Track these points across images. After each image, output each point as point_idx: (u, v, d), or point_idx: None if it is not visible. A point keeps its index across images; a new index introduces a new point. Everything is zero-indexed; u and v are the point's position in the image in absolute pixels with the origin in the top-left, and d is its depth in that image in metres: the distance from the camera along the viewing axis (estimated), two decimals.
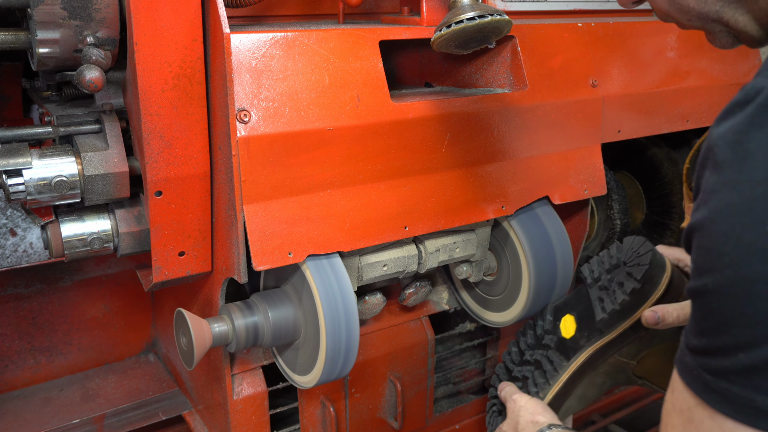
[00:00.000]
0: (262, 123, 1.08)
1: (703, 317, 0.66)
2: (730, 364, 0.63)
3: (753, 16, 0.82)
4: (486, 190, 1.34)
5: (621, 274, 1.29)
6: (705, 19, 0.85)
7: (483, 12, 1.13)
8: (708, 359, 0.66)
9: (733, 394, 0.63)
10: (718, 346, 0.64)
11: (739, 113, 0.65)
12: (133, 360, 1.83)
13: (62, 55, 1.11)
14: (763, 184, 0.61)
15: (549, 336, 1.37)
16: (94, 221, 1.25)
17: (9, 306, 1.65)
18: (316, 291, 1.15)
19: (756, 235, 0.60)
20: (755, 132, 0.62)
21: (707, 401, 0.65)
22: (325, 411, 1.47)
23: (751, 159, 0.62)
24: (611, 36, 1.52)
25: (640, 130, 1.57)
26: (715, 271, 0.64)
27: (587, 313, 1.32)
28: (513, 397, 1.27)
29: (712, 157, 0.66)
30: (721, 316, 0.64)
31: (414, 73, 1.63)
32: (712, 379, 0.65)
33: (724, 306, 0.63)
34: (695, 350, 0.67)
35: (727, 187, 0.63)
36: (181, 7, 1.06)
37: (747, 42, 0.86)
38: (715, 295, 0.64)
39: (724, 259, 0.62)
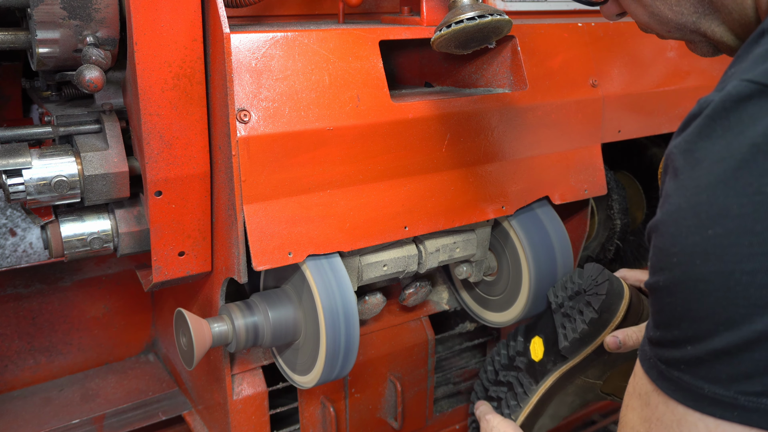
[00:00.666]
0: (262, 123, 1.08)
1: (657, 312, 0.71)
2: (680, 356, 0.68)
3: (728, 27, 0.86)
4: (486, 190, 1.34)
5: (581, 302, 1.32)
6: (683, 30, 0.89)
7: (483, 12, 1.12)
8: (662, 350, 0.70)
9: (684, 383, 0.67)
10: (670, 339, 0.69)
11: (692, 124, 0.70)
12: (133, 360, 1.83)
13: (62, 54, 1.11)
14: (707, 190, 0.65)
15: (520, 358, 1.40)
16: (93, 221, 1.25)
17: (9, 306, 1.65)
18: (316, 291, 1.15)
19: (699, 237, 0.65)
20: (702, 141, 0.67)
21: (662, 388, 0.70)
22: (325, 411, 1.47)
23: (699, 167, 0.66)
24: (611, 36, 1.52)
25: (640, 130, 1.57)
26: (665, 270, 0.68)
27: (553, 338, 1.36)
28: (486, 417, 1.31)
29: (670, 164, 0.71)
30: (671, 311, 0.68)
31: (414, 73, 1.63)
32: (665, 368, 0.70)
33: (673, 302, 0.68)
34: (652, 341, 0.72)
35: (679, 193, 0.68)
36: (180, 7, 1.06)
37: (725, 51, 0.90)
38: (665, 292, 0.69)
39: (673, 259, 0.67)
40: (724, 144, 0.65)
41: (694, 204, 0.66)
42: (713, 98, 0.69)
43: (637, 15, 0.93)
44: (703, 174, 0.66)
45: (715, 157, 0.65)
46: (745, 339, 0.62)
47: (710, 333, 0.64)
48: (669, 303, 0.68)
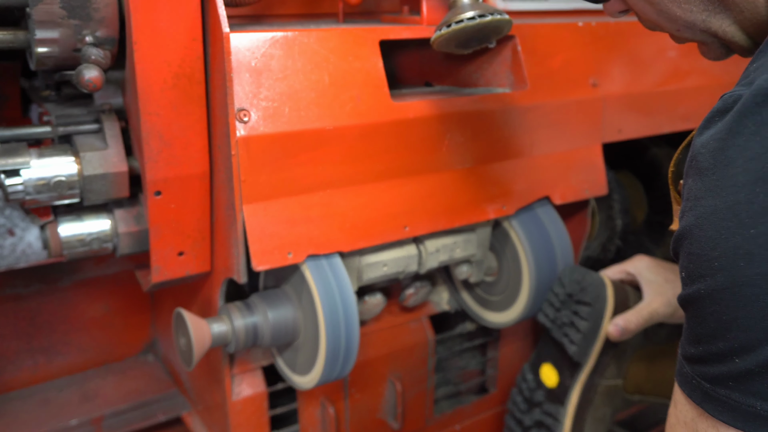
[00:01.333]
0: (261, 123, 1.08)
1: (698, 324, 0.66)
2: (728, 370, 0.63)
3: (739, 26, 0.82)
4: (486, 190, 1.33)
5: (571, 305, 1.34)
6: (693, 29, 0.86)
7: (483, 11, 1.12)
8: (705, 367, 0.66)
9: (733, 402, 0.63)
10: (715, 353, 0.64)
11: (719, 121, 0.66)
12: (132, 360, 1.83)
13: (61, 54, 1.11)
14: (745, 188, 0.62)
15: (536, 393, 1.40)
16: (93, 221, 1.24)
17: (7, 306, 1.65)
18: (316, 291, 1.15)
19: (741, 238, 0.61)
20: (734, 139, 0.64)
21: (708, 411, 0.65)
22: (324, 412, 1.47)
23: (733, 165, 0.63)
24: (612, 36, 1.51)
25: (641, 130, 1.57)
26: (706, 277, 0.64)
27: (560, 354, 1.37)
28: None
29: (695, 165, 0.67)
30: (715, 321, 0.64)
31: (414, 72, 1.63)
32: (710, 388, 0.65)
33: (718, 311, 0.63)
34: (692, 359, 0.68)
35: (711, 194, 0.64)
36: (180, 7, 1.06)
37: (738, 51, 0.87)
38: (708, 301, 0.64)
39: (713, 264, 0.63)
40: (759, 140, 0.62)
41: (732, 204, 0.62)
42: (740, 93, 0.66)
43: (645, 13, 0.90)
44: (739, 172, 0.62)
45: (750, 154, 0.62)
46: None
47: (760, 342, 0.60)
48: (712, 312, 0.64)
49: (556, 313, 1.38)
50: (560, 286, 1.38)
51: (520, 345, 1.75)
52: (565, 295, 1.36)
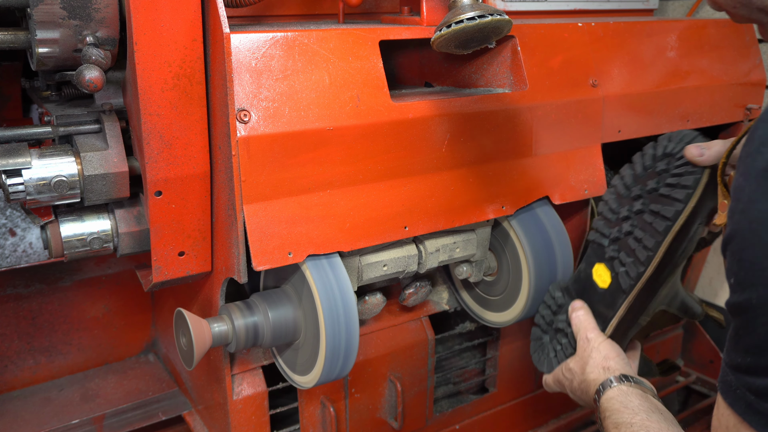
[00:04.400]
0: (262, 123, 1.08)
1: (747, 333, 0.64)
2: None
3: None
4: (486, 190, 1.34)
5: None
6: (750, 6, 0.81)
7: (483, 12, 1.12)
8: (752, 378, 0.63)
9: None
10: (763, 365, 0.62)
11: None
12: (133, 360, 1.83)
13: (62, 54, 1.11)
14: None
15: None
16: (93, 221, 1.25)
17: (9, 306, 1.65)
18: (316, 291, 1.15)
19: None
20: None
21: (751, 423, 0.63)
22: (325, 411, 1.47)
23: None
24: (611, 36, 1.52)
25: (640, 130, 1.57)
26: (758, 286, 0.61)
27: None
28: (588, 335, 1.19)
29: (750, 162, 0.63)
30: (765, 332, 0.61)
31: (414, 73, 1.63)
32: (755, 400, 0.63)
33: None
34: (738, 368, 0.65)
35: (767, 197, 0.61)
36: (180, 7, 1.06)
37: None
38: (759, 311, 0.61)
39: (767, 273, 0.60)
40: None
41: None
42: None
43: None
44: None
45: None
46: None
47: None
48: (763, 323, 0.61)
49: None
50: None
51: (520, 344, 1.75)
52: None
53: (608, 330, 1.23)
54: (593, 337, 1.19)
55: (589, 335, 1.19)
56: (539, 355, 1.36)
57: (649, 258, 1.18)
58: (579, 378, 1.17)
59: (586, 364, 1.16)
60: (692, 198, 1.13)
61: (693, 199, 1.14)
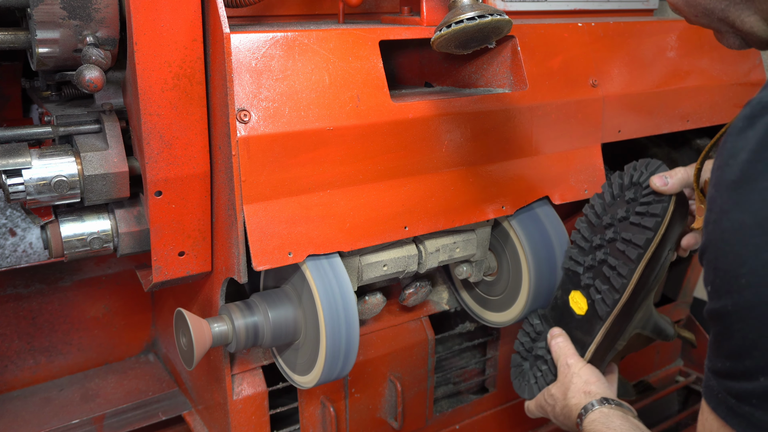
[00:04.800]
0: (262, 123, 1.08)
1: (725, 339, 0.65)
2: (752, 388, 0.62)
3: (761, 16, 0.80)
4: (486, 190, 1.34)
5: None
6: (711, 16, 0.84)
7: (483, 12, 1.12)
8: (731, 382, 0.65)
9: (756, 419, 0.62)
10: (741, 370, 0.63)
11: (749, 130, 0.64)
12: (133, 360, 1.83)
13: (62, 54, 1.11)
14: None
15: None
16: (93, 221, 1.25)
17: (9, 306, 1.65)
18: (316, 291, 1.15)
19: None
20: (765, 151, 0.62)
21: (732, 425, 0.65)
22: (325, 411, 1.47)
23: (762, 178, 0.61)
24: (611, 36, 1.52)
25: (640, 130, 1.57)
26: (733, 293, 0.63)
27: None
28: (568, 361, 1.21)
29: (721, 174, 0.65)
30: (741, 339, 0.63)
31: (414, 73, 1.63)
32: (735, 403, 0.64)
33: (744, 328, 0.62)
34: (719, 373, 0.67)
35: (739, 208, 0.62)
36: (180, 7, 1.06)
37: (754, 44, 0.85)
38: (735, 317, 0.63)
39: (741, 281, 0.62)
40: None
41: (761, 219, 0.60)
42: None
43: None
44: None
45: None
46: None
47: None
48: (739, 330, 0.63)
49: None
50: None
51: None
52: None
53: (587, 355, 1.26)
54: (573, 362, 1.21)
55: (569, 361, 1.22)
56: (520, 382, 1.38)
57: (623, 285, 1.21)
58: (561, 403, 1.20)
59: (568, 389, 1.19)
60: (661, 225, 1.17)
61: (662, 226, 1.17)
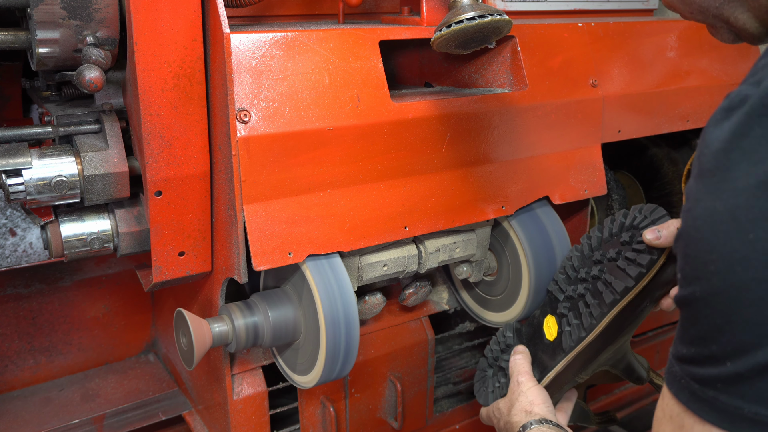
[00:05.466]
0: (262, 123, 1.08)
1: (692, 325, 0.66)
2: (718, 373, 0.63)
3: (753, 14, 0.82)
4: (486, 190, 1.34)
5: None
6: (706, 13, 0.86)
7: (483, 12, 1.12)
8: (695, 368, 0.66)
9: (720, 403, 0.63)
10: (706, 355, 0.64)
11: (724, 122, 0.65)
12: (133, 360, 1.83)
13: (62, 54, 1.11)
14: (746, 192, 0.61)
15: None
16: (93, 221, 1.25)
17: (9, 306, 1.65)
18: (316, 291, 1.15)
19: (739, 243, 0.60)
20: (739, 141, 0.63)
21: (694, 410, 0.66)
22: (325, 411, 1.47)
23: (735, 168, 0.62)
24: (611, 36, 1.52)
25: (640, 130, 1.57)
26: (701, 280, 0.64)
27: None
28: (519, 378, 1.22)
29: (697, 165, 0.66)
30: (708, 324, 0.64)
31: (414, 73, 1.63)
32: (699, 388, 0.65)
33: (712, 314, 0.63)
34: (683, 359, 0.68)
35: (711, 196, 0.63)
36: (180, 7, 1.06)
37: (747, 39, 0.86)
38: (702, 303, 0.64)
39: (710, 267, 0.63)
40: (765, 143, 0.61)
41: (732, 207, 0.61)
42: (747, 93, 0.64)
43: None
44: (741, 176, 0.61)
45: (754, 158, 0.61)
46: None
47: (753, 346, 0.60)
48: (706, 315, 0.64)
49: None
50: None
51: None
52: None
53: (544, 381, 1.26)
54: (524, 381, 1.22)
55: (520, 379, 1.23)
56: (480, 386, 1.38)
57: (591, 326, 1.21)
58: (505, 419, 1.21)
59: (513, 406, 1.20)
60: (644, 278, 1.16)
61: (645, 279, 1.16)
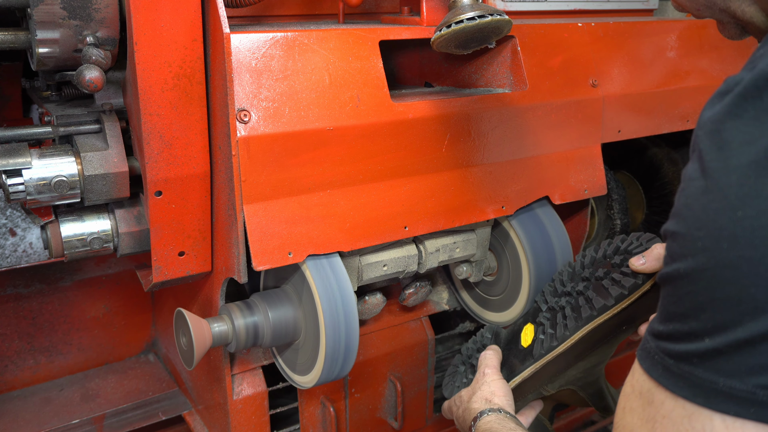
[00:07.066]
0: (262, 123, 1.08)
1: (673, 302, 0.67)
2: (695, 349, 0.63)
3: (760, 6, 0.82)
4: (486, 190, 1.34)
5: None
6: (713, 8, 0.86)
7: (483, 12, 1.12)
8: (672, 344, 0.66)
9: (695, 378, 0.63)
10: (686, 331, 0.64)
11: (718, 103, 0.66)
12: (133, 360, 1.83)
13: (62, 54, 1.11)
14: (737, 171, 0.61)
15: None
16: (93, 221, 1.25)
17: (9, 306, 1.65)
18: (316, 291, 1.15)
19: (727, 220, 0.61)
20: (732, 121, 0.63)
21: (666, 386, 0.66)
22: (325, 411, 1.47)
23: (727, 147, 0.63)
24: (611, 36, 1.52)
25: (640, 130, 1.57)
26: (687, 257, 0.64)
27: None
28: (486, 370, 1.23)
29: (694, 147, 0.67)
30: (690, 301, 0.64)
31: (414, 73, 1.63)
32: (673, 363, 0.65)
33: (695, 291, 0.64)
34: (660, 335, 0.68)
35: (704, 174, 0.64)
36: (181, 7, 1.06)
37: (753, 33, 0.86)
38: (686, 280, 0.64)
39: (697, 244, 0.63)
40: (758, 124, 0.61)
41: (723, 186, 0.62)
42: (743, 77, 0.65)
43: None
44: (733, 155, 0.62)
45: (746, 138, 0.61)
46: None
47: (734, 323, 0.60)
48: (689, 292, 0.64)
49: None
50: None
51: None
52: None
53: (510, 384, 1.25)
54: (489, 372, 1.22)
55: (486, 371, 1.23)
56: (449, 380, 1.39)
57: (564, 337, 1.22)
58: (464, 406, 1.20)
59: (474, 394, 1.20)
60: (624, 299, 1.17)
61: (625, 301, 1.17)
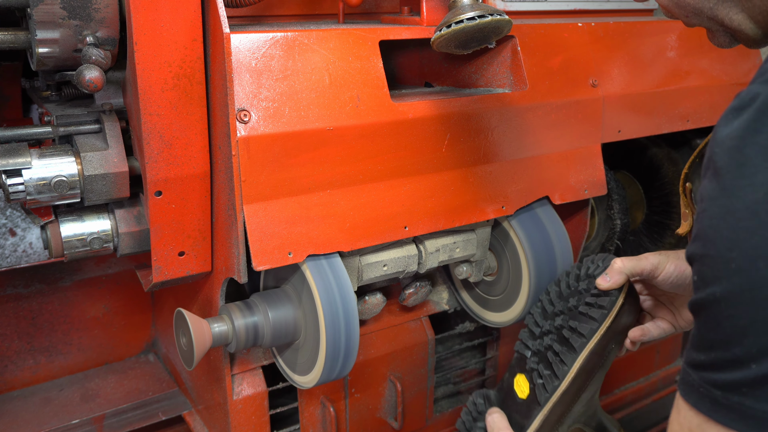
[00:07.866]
0: (262, 123, 1.08)
1: (711, 329, 0.64)
2: (743, 376, 0.61)
3: (748, 14, 0.81)
4: (486, 190, 1.34)
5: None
6: (701, 15, 0.86)
7: (483, 12, 1.12)
8: (717, 374, 0.63)
9: (746, 407, 0.61)
10: (729, 359, 0.62)
11: (735, 120, 0.64)
12: (133, 360, 1.83)
13: (62, 54, 1.11)
14: (765, 187, 0.60)
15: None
16: (93, 221, 1.25)
17: (9, 306, 1.65)
18: (316, 291, 1.15)
19: (760, 239, 0.59)
20: (752, 137, 0.62)
21: (717, 419, 0.63)
22: (325, 411, 1.47)
23: (750, 164, 0.61)
24: (611, 36, 1.52)
25: (640, 130, 1.57)
26: (722, 279, 0.62)
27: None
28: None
29: (711, 165, 0.65)
30: (730, 326, 0.61)
31: (414, 73, 1.63)
32: (722, 395, 0.62)
33: (734, 315, 0.61)
34: (701, 366, 0.65)
35: (727, 193, 0.62)
36: (180, 7, 1.06)
37: (744, 41, 0.86)
38: (723, 304, 0.62)
39: (731, 265, 0.61)
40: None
41: (751, 203, 0.60)
42: (758, 91, 0.64)
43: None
44: (758, 171, 0.60)
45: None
46: None
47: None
48: (729, 317, 0.61)
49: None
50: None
51: None
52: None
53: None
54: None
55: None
56: None
57: (564, 372, 1.23)
58: None
59: None
60: (607, 317, 1.21)
61: (608, 318, 1.21)
